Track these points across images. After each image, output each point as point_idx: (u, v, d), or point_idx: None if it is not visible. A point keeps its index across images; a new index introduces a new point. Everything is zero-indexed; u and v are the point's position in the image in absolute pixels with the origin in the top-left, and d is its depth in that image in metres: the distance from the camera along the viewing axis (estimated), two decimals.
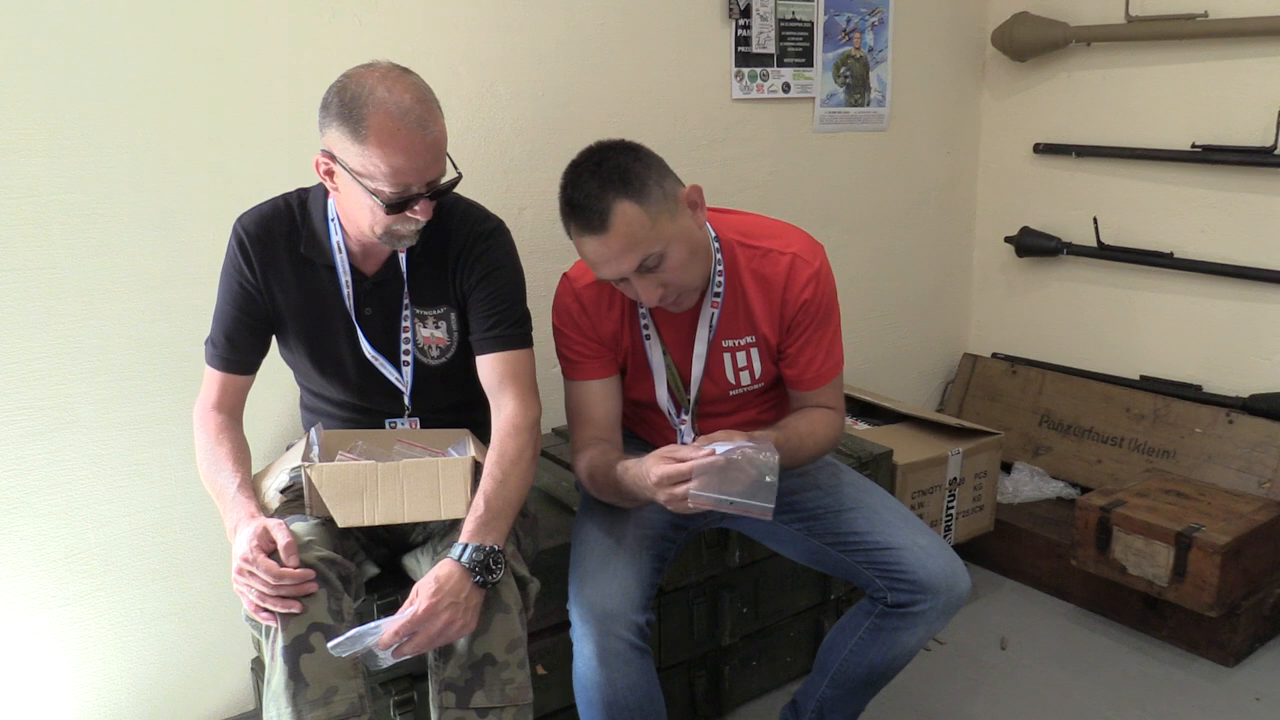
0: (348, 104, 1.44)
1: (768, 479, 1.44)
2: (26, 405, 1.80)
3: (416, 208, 1.50)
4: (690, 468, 1.45)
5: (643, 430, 1.90)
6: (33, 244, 1.76)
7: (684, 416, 1.78)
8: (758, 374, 1.76)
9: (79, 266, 1.80)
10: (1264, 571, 2.42)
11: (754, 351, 1.75)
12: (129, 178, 1.83)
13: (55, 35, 1.72)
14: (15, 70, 1.70)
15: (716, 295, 1.70)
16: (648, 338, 1.74)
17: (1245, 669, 2.38)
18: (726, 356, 1.74)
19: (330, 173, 1.51)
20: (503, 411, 1.61)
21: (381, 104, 1.43)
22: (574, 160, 1.58)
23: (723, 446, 1.47)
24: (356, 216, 1.53)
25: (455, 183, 1.57)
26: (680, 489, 1.46)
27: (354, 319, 1.64)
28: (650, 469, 1.51)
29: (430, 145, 1.46)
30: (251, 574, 1.39)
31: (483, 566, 1.43)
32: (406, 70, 1.51)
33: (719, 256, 1.70)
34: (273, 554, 1.40)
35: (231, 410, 1.65)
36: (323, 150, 1.50)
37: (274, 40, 1.93)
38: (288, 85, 1.95)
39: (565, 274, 1.77)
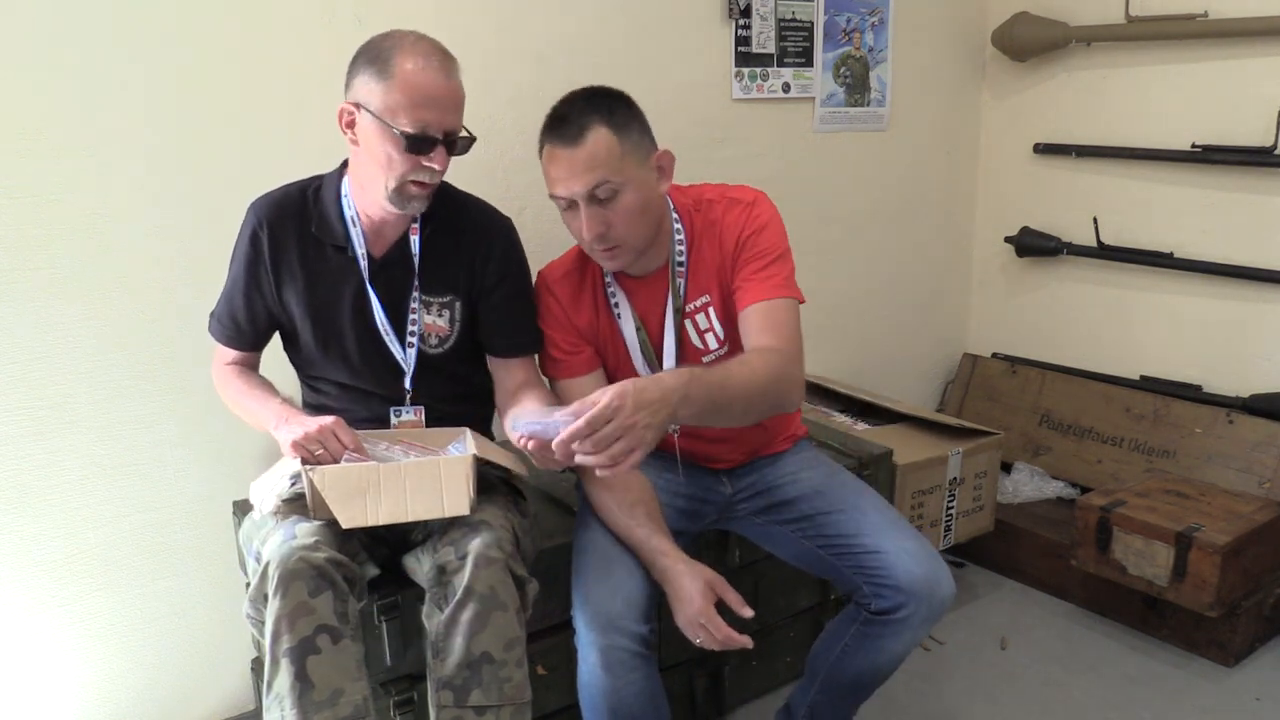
0: (377, 52, 1.54)
1: None
2: (26, 405, 1.80)
3: (433, 154, 1.54)
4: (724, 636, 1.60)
5: None
6: (33, 244, 1.76)
7: None
8: (721, 335, 1.76)
9: (79, 267, 1.81)
10: (1264, 571, 2.42)
11: (711, 311, 1.75)
12: (129, 179, 1.83)
13: (56, 37, 1.72)
14: (16, 72, 1.70)
15: (680, 265, 1.73)
16: (619, 316, 1.75)
17: (1245, 669, 2.38)
18: (688, 323, 1.75)
19: (352, 123, 1.56)
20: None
21: (409, 49, 1.53)
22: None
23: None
24: (374, 170, 1.57)
25: (471, 142, 1.61)
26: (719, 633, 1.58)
27: (370, 290, 1.66)
28: (687, 610, 1.60)
29: (450, 90, 1.55)
30: (320, 442, 1.51)
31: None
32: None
33: (679, 227, 1.73)
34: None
35: (244, 364, 1.76)
36: (348, 101, 1.56)
37: (274, 42, 1.94)
38: (288, 86, 1.95)
39: (539, 273, 1.81)
